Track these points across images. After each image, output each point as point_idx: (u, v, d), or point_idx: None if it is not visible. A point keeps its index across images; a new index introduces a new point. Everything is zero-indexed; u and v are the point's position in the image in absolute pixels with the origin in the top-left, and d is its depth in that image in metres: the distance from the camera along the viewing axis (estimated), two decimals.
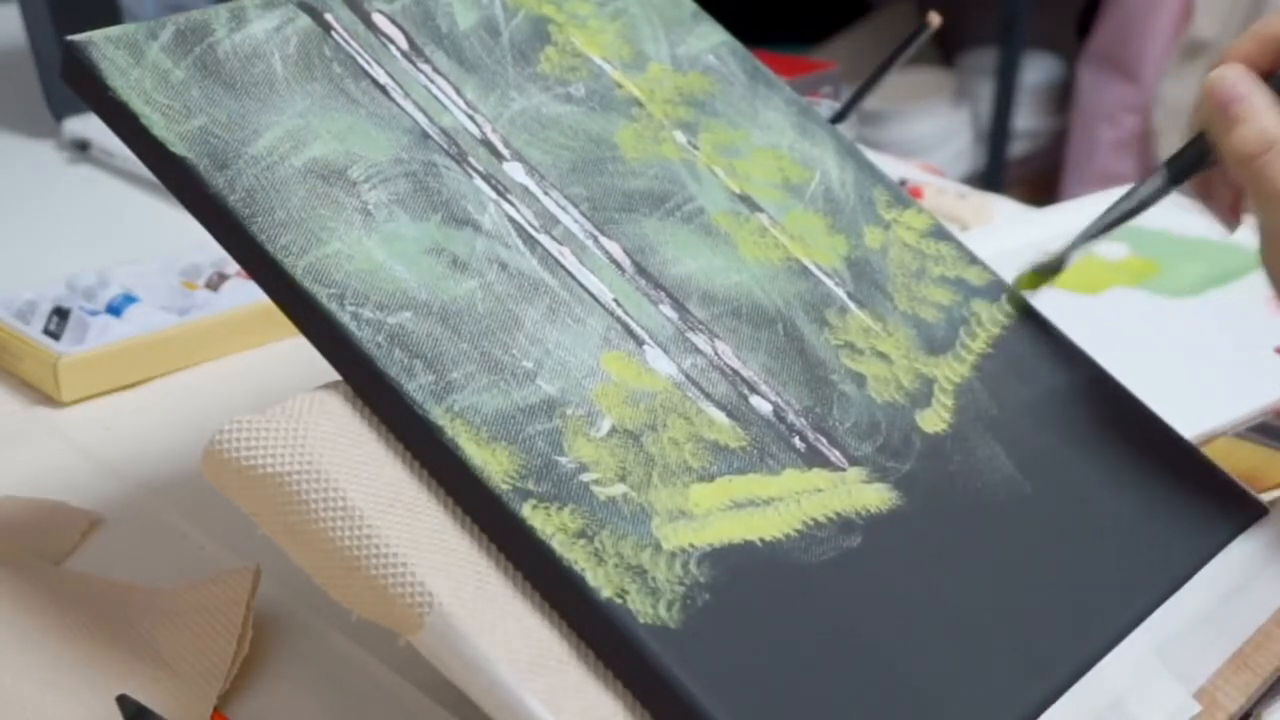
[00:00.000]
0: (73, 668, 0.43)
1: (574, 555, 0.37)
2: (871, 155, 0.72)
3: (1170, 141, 2.02)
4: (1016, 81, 2.10)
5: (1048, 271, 0.52)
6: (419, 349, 0.40)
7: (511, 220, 0.45)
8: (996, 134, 2.13)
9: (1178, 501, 0.48)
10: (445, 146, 0.46)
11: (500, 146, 0.47)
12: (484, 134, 0.47)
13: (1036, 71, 2.24)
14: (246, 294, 0.68)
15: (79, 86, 0.43)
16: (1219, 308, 0.73)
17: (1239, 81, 0.45)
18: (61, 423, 0.61)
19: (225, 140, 0.42)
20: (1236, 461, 0.54)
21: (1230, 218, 0.48)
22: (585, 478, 0.39)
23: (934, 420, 0.47)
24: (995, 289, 0.53)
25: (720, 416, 0.43)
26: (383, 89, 0.46)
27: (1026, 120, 2.23)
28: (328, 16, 0.47)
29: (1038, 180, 2.24)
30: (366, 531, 0.36)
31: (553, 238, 0.45)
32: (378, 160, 0.44)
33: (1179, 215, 0.85)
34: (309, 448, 0.37)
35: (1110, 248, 0.80)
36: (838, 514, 0.42)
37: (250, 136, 0.42)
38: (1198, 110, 0.47)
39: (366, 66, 0.47)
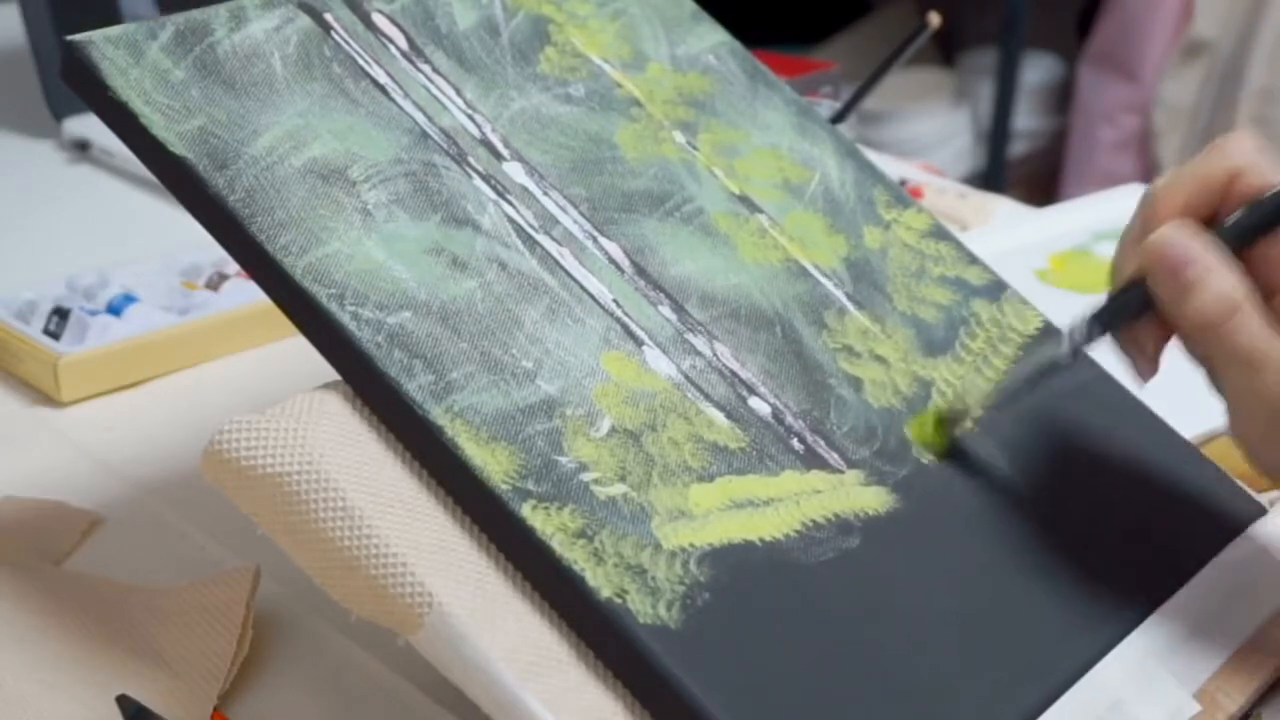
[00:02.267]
0: (73, 668, 0.43)
1: (574, 555, 0.37)
2: (871, 155, 0.72)
3: (1170, 142, 2.02)
4: (1016, 81, 2.10)
5: (953, 422, 0.46)
6: (419, 349, 0.40)
7: (511, 220, 0.45)
8: (996, 134, 2.13)
9: (1178, 501, 0.48)
10: (445, 146, 0.46)
11: (500, 146, 0.47)
12: (484, 134, 0.47)
13: (1036, 71, 2.24)
14: (246, 294, 0.68)
15: (79, 86, 0.43)
16: None
17: (1188, 242, 0.41)
18: (61, 423, 0.61)
19: (225, 140, 0.42)
20: (1236, 461, 0.54)
21: (1151, 368, 0.44)
22: (585, 477, 0.39)
23: None
24: (995, 289, 0.53)
25: (719, 417, 0.43)
26: (382, 89, 0.46)
27: (1026, 120, 2.23)
28: (327, 16, 0.47)
29: (1038, 180, 2.24)
30: (366, 531, 0.36)
31: (552, 238, 0.45)
32: (377, 160, 0.44)
33: None
34: (309, 448, 0.37)
35: (1110, 248, 0.79)
36: (836, 515, 0.42)
37: (250, 136, 0.42)
38: (1129, 260, 0.43)
39: (366, 66, 0.47)
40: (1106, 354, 0.52)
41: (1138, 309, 0.43)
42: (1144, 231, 0.42)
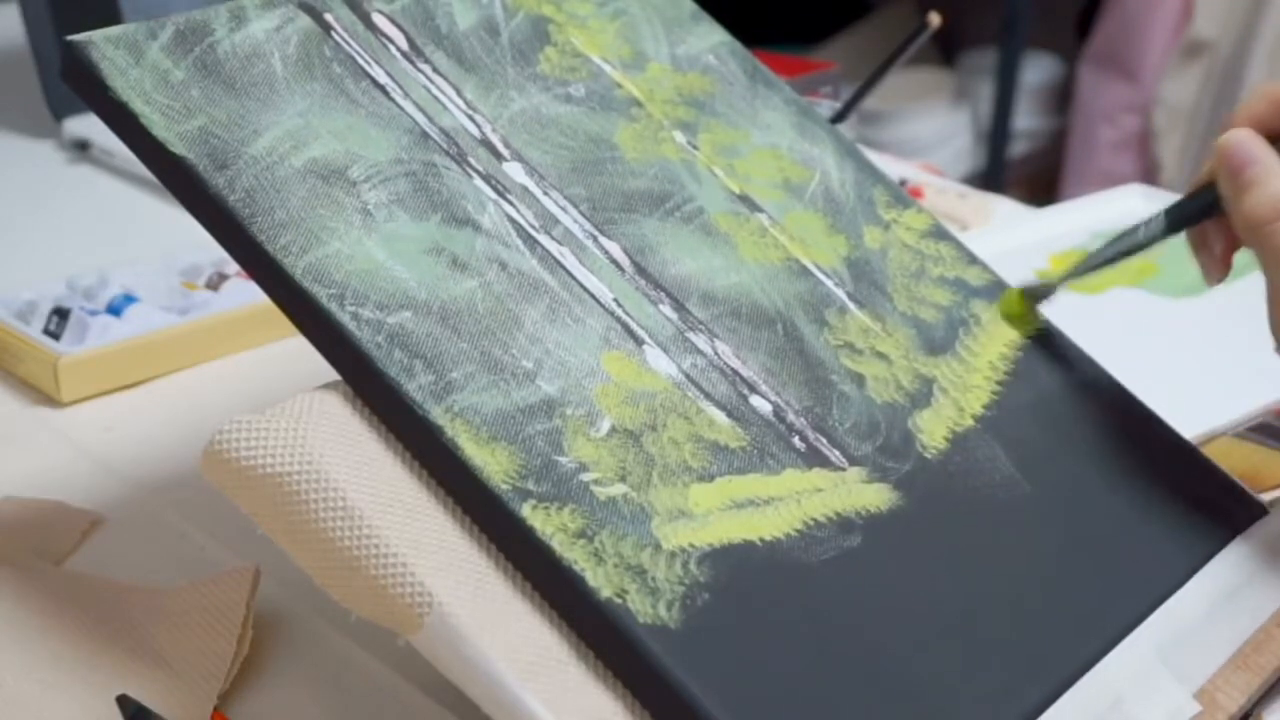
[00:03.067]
0: (73, 668, 0.43)
1: (574, 555, 0.37)
2: (871, 155, 0.72)
3: (1170, 142, 2.02)
4: (1016, 81, 2.09)
5: (1036, 296, 0.52)
6: (419, 349, 0.40)
7: (511, 220, 0.45)
8: (996, 134, 2.13)
9: (1178, 501, 0.48)
10: (445, 146, 0.46)
11: (500, 146, 0.47)
12: (484, 134, 0.47)
13: (1036, 71, 2.24)
14: (246, 294, 0.68)
15: (79, 86, 0.43)
16: (1219, 308, 0.73)
17: (1252, 145, 0.45)
18: (61, 423, 0.61)
19: (225, 140, 0.42)
20: (1236, 461, 0.54)
21: (1219, 270, 0.48)
22: (585, 477, 0.39)
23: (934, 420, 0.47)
24: (995, 289, 0.53)
25: (720, 416, 0.43)
26: (382, 89, 0.46)
27: (1026, 120, 2.23)
28: (328, 16, 0.47)
29: (1038, 180, 2.24)
30: (366, 531, 0.36)
31: (552, 238, 0.45)
32: (377, 160, 0.44)
33: None
34: (309, 448, 0.37)
35: None
36: (837, 514, 0.42)
37: (250, 136, 0.42)
38: (1207, 164, 0.47)
39: (366, 66, 0.47)
40: (1107, 354, 0.52)
41: (1206, 208, 0.47)
42: None
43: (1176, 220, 0.48)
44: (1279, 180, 0.44)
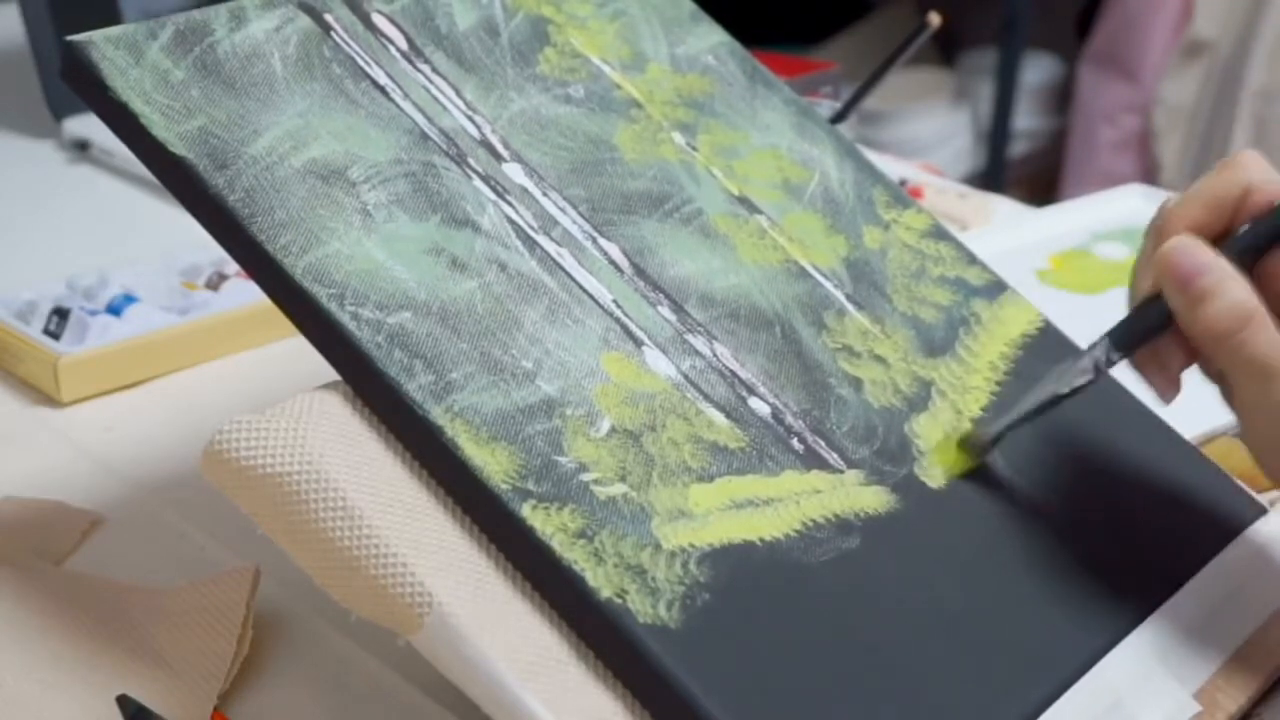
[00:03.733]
0: (73, 668, 0.43)
1: (574, 555, 0.37)
2: (871, 155, 0.72)
3: (1170, 142, 2.02)
4: (1016, 81, 2.10)
5: (978, 448, 0.46)
6: (419, 349, 0.40)
7: (511, 221, 0.45)
8: (996, 134, 2.13)
9: (1178, 501, 0.48)
10: (444, 147, 0.46)
11: (499, 147, 0.47)
12: (483, 135, 0.47)
13: (1036, 71, 2.24)
14: (246, 294, 0.68)
15: (79, 86, 0.43)
16: None
17: (1198, 252, 0.41)
18: (61, 423, 0.61)
19: (225, 140, 0.42)
20: (1236, 461, 0.54)
21: (1173, 388, 0.44)
22: (585, 477, 0.39)
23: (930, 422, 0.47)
24: (995, 289, 0.53)
25: (719, 418, 0.43)
26: (382, 89, 0.47)
27: (1026, 120, 2.23)
28: (327, 17, 0.47)
29: (1038, 180, 2.24)
30: (366, 531, 0.36)
31: (552, 239, 0.45)
32: (377, 160, 0.44)
33: None
34: (309, 448, 0.37)
35: (1110, 248, 0.80)
36: (836, 515, 0.42)
37: (250, 136, 0.42)
38: (1144, 278, 0.43)
39: (366, 67, 0.47)
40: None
41: (1155, 326, 0.43)
42: (1157, 249, 0.42)
43: (1124, 344, 0.44)
44: (1235, 286, 0.40)
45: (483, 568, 0.37)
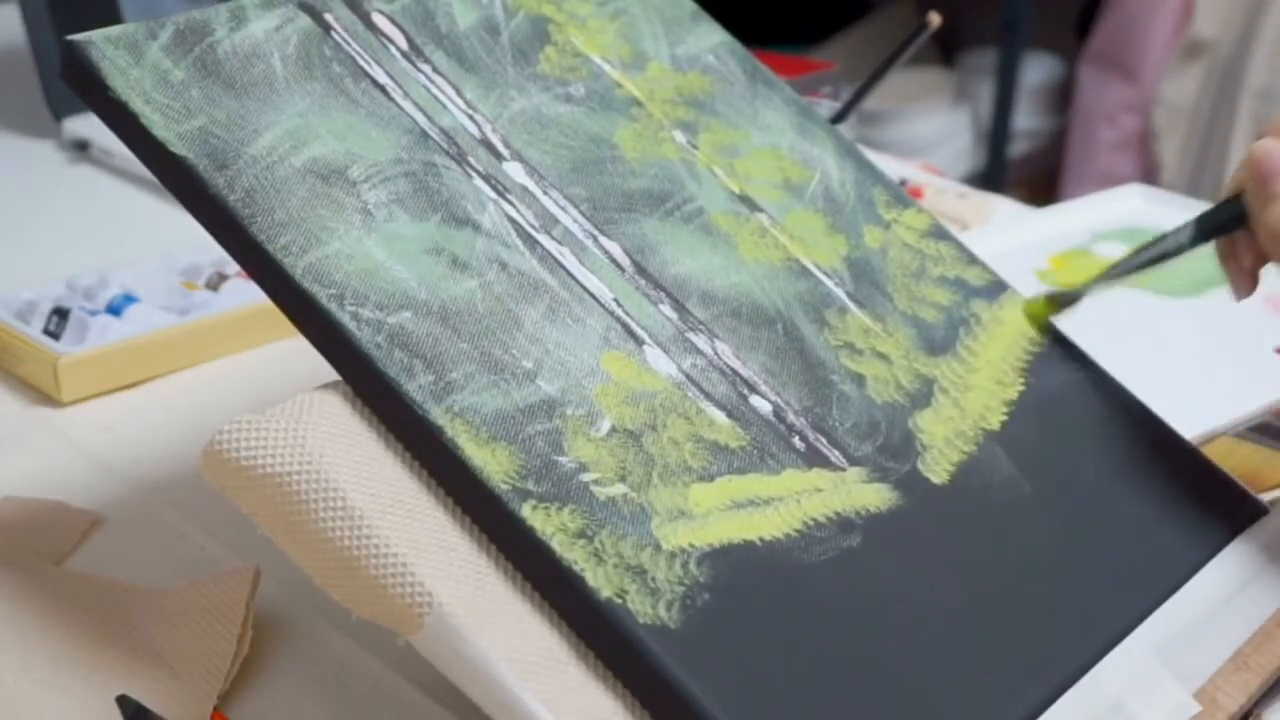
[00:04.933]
0: (73, 668, 0.43)
1: (574, 555, 0.37)
2: (871, 155, 0.72)
3: (1171, 142, 2.02)
4: (1016, 81, 2.10)
5: (1061, 303, 0.51)
6: (419, 349, 0.40)
7: (511, 220, 0.45)
8: (996, 134, 2.13)
9: (1178, 501, 0.48)
10: (445, 146, 0.46)
11: (500, 146, 0.47)
12: (484, 134, 0.47)
13: (1036, 71, 2.24)
14: (246, 294, 0.68)
15: (79, 86, 0.43)
16: (1219, 308, 0.73)
17: None
18: (61, 423, 0.61)
19: (225, 140, 0.42)
20: (1236, 461, 0.54)
21: (1247, 283, 0.47)
22: (585, 478, 0.39)
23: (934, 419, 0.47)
24: (995, 289, 0.53)
25: (720, 416, 0.43)
26: (382, 89, 0.46)
27: (1026, 120, 2.23)
28: (327, 16, 0.47)
29: (1038, 180, 2.24)
30: (366, 531, 0.36)
31: (552, 238, 0.45)
32: (377, 160, 0.44)
33: (1179, 216, 0.85)
34: (309, 448, 0.37)
35: (1110, 248, 0.80)
36: (837, 514, 0.42)
37: (250, 136, 0.42)
38: (1237, 173, 0.46)
39: (366, 66, 0.47)
40: (1107, 354, 0.52)
41: (1235, 219, 0.45)
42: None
43: (1205, 229, 0.47)
44: None
45: (483, 568, 0.37)
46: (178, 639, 0.44)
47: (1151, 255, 0.49)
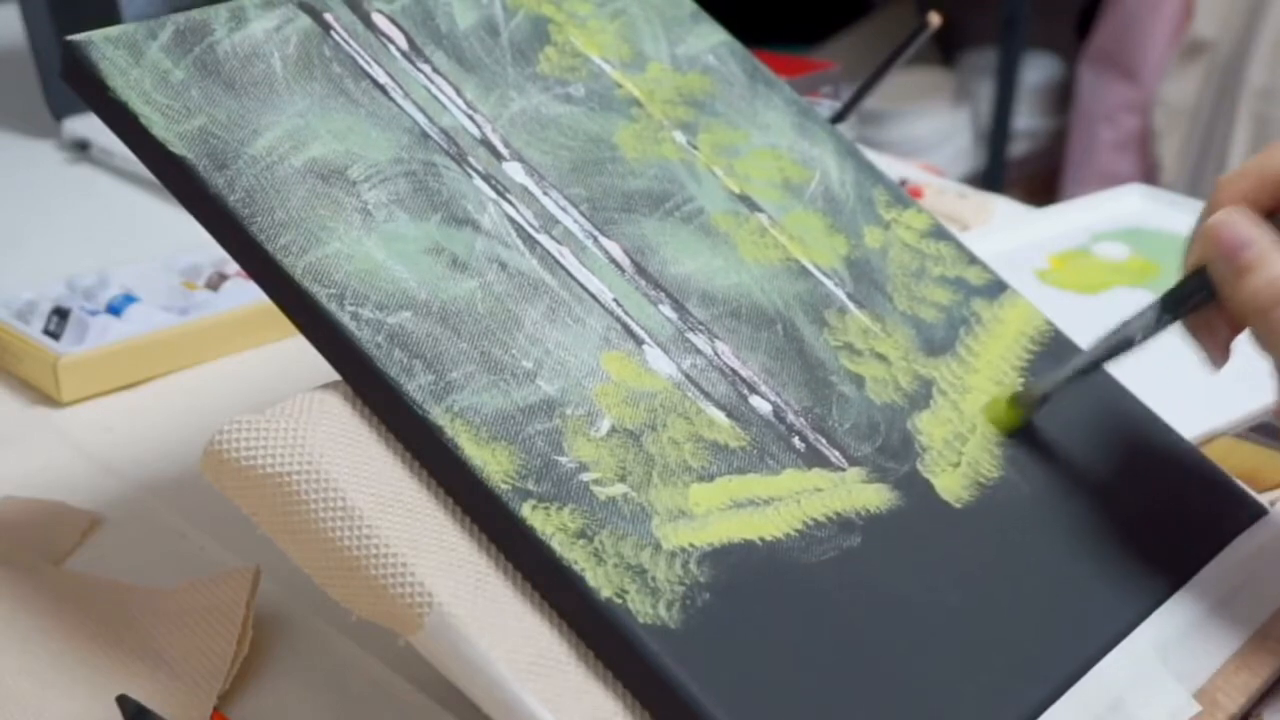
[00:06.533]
0: (73, 668, 0.43)
1: (574, 555, 0.37)
2: (871, 155, 0.72)
3: (1170, 142, 2.02)
4: (1016, 81, 2.10)
5: (1027, 404, 0.47)
6: (419, 349, 0.40)
7: (511, 220, 0.45)
8: (996, 134, 2.13)
9: (1178, 502, 0.48)
10: (445, 146, 0.46)
11: (500, 146, 0.47)
12: (483, 134, 0.47)
13: (1036, 71, 2.24)
14: (246, 294, 0.68)
15: (79, 86, 0.43)
16: None
17: (1243, 225, 0.42)
18: (61, 423, 0.61)
19: (225, 140, 0.42)
20: (1236, 461, 0.54)
21: (1221, 356, 0.45)
22: (585, 477, 0.39)
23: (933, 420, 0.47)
24: (995, 288, 0.53)
25: (720, 416, 0.43)
26: (382, 89, 0.46)
27: (1026, 120, 2.23)
28: (327, 16, 0.47)
29: (1038, 180, 2.24)
30: (366, 531, 0.36)
31: (552, 238, 0.45)
32: (377, 160, 0.44)
33: (1179, 216, 0.85)
34: (309, 448, 0.37)
35: (1110, 248, 0.80)
36: (837, 514, 0.42)
37: (250, 136, 0.42)
38: (1196, 246, 0.44)
39: (366, 66, 0.47)
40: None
41: (1202, 294, 0.44)
42: (1208, 218, 0.43)
43: (1171, 308, 0.45)
44: (1277, 261, 0.41)
45: (483, 568, 0.37)
46: (178, 639, 0.44)
47: (1116, 342, 0.47)
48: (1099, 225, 0.83)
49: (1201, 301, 0.44)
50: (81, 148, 0.94)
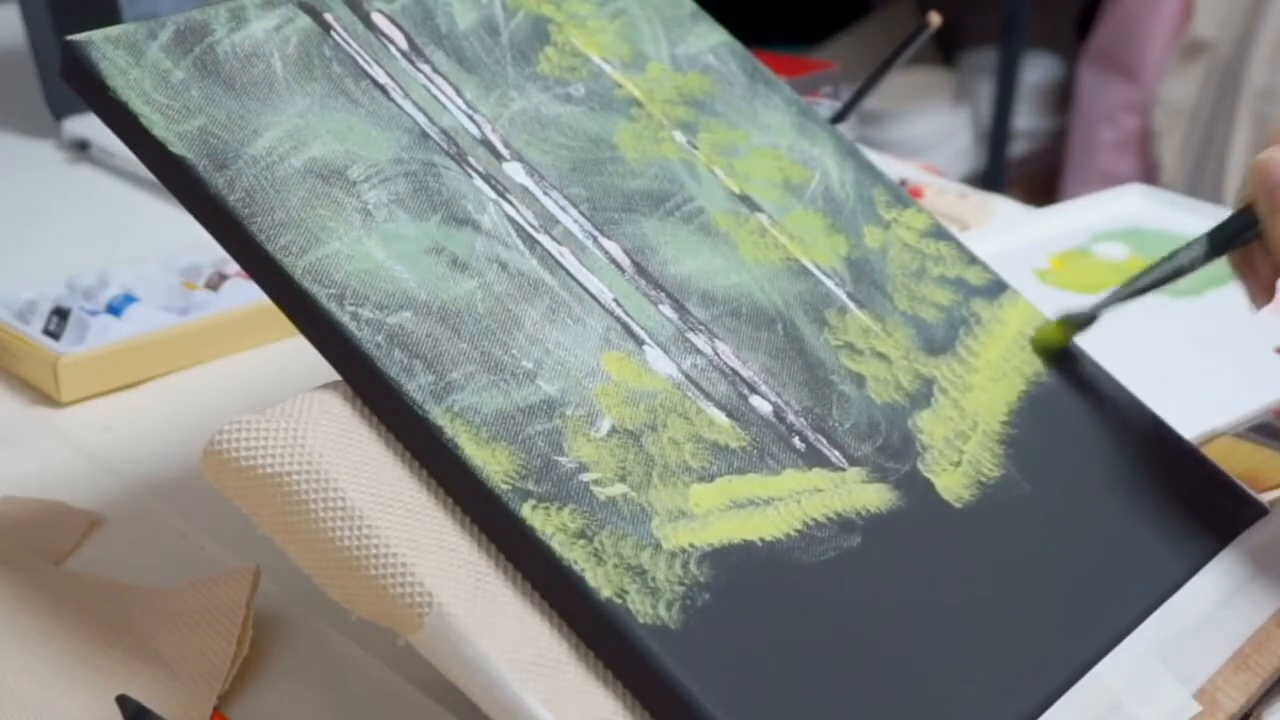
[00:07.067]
0: (73, 668, 0.43)
1: (574, 555, 0.37)
2: (871, 155, 0.72)
3: (1170, 142, 2.02)
4: (1016, 81, 2.09)
5: (1076, 325, 0.50)
6: (419, 349, 0.40)
7: (511, 220, 0.45)
8: (996, 134, 2.13)
9: (1178, 502, 0.48)
10: (445, 146, 0.46)
11: (500, 146, 0.47)
12: (483, 134, 0.47)
13: (1036, 71, 2.24)
14: (246, 294, 0.68)
15: (79, 86, 0.43)
16: (1219, 308, 0.73)
17: None
18: (61, 423, 0.61)
19: (225, 140, 0.42)
20: (1236, 461, 0.54)
21: (1264, 294, 0.46)
22: (585, 478, 0.39)
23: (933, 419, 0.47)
24: (995, 288, 0.53)
25: (720, 416, 0.43)
26: (382, 89, 0.46)
27: (1026, 120, 2.23)
28: (327, 16, 0.47)
29: (1038, 180, 2.24)
30: (366, 531, 0.36)
31: (552, 238, 0.45)
32: (377, 160, 0.44)
33: (1179, 216, 0.85)
34: (309, 448, 0.37)
35: (1110, 248, 0.80)
36: (838, 514, 0.42)
37: (250, 136, 0.42)
38: (1245, 184, 0.45)
39: (366, 66, 0.47)
40: (1107, 354, 0.52)
41: (1249, 231, 0.44)
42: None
43: (1218, 243, 0.46)
44: None
45: (483, 568, 0.37)
46: (178, 639, 0.44)
47: (1165, 271, 0.48)
48: (1099, 225, 0.83)
49: (1248, 238, 0.45)
50: (81, 148, 0.94)
